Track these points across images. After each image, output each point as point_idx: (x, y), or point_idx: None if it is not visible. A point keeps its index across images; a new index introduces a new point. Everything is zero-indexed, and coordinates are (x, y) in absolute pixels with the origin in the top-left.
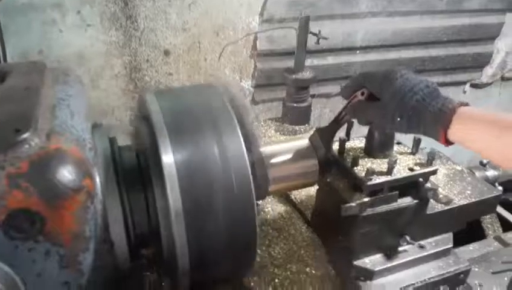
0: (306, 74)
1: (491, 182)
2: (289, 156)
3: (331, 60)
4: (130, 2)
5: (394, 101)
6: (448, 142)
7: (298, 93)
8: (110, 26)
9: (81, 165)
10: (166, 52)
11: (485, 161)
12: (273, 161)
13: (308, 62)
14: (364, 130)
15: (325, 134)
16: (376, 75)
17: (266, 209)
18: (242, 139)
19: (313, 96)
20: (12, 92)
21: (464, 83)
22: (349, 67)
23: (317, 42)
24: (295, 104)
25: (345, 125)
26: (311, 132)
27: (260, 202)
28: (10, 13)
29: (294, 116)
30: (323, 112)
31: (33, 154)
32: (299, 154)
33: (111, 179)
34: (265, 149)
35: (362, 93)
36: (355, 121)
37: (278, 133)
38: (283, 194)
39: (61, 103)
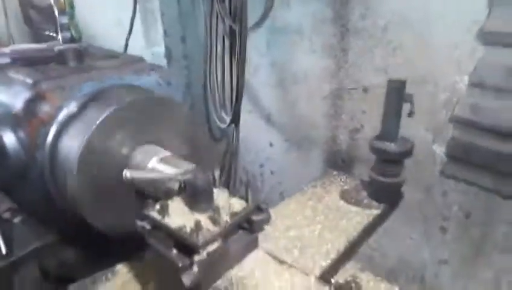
0: (395, 146)
1: None
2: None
3: None
4: (346, 37)
5: None
6: None
7: (385, 166)
8: (327, 54)
9: None
10: (365, 90)
11: None
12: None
13: None
14: None
15: None
16: None
17: None
18: None
19: None
20: None
21: None
22: None
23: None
24: (380, 177)
25: None
26: None
27: None
28: (273, 32)
29: (376, 190)
30: None
31: None
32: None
33: None
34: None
35: None
36: None
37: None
38: None
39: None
